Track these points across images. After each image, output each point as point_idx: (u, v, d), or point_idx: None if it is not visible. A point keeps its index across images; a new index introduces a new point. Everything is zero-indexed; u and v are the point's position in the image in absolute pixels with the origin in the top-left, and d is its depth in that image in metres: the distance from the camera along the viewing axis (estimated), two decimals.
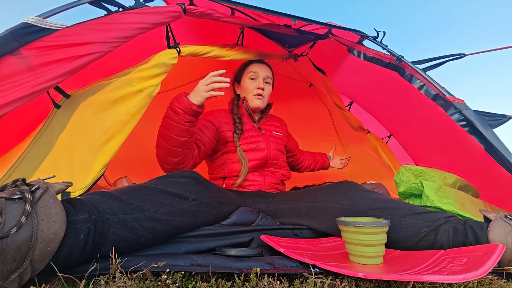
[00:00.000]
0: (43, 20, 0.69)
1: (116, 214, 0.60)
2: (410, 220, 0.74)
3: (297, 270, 0.61)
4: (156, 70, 0.97)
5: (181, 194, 0.74)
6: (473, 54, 1.06)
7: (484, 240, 0.65)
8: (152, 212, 0.66)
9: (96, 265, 0.54)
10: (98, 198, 0.62)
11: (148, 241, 0.65)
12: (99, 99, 0.88)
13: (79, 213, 0.55)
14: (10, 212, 0.44)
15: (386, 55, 1.19)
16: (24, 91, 0.65)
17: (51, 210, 0.49)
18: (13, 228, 0.43)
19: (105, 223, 0.58)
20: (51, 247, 0.48)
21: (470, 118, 0.95)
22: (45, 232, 0.47)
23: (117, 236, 0.59)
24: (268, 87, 1.30)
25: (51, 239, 0.47)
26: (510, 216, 0.65)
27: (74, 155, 0.83)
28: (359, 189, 0.91)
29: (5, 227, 0.43)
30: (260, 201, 1.12)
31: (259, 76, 1.26)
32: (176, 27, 1.12)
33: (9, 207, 0.45)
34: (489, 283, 0.59)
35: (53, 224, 0.48)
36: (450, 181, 1.03)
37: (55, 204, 0.50)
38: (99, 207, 0.59)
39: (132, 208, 0.64)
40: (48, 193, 0.50)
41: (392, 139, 1.74)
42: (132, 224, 0.62)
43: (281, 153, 1.27)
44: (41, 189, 0.50)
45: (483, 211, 0.72)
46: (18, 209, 0.45)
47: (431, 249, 0.71)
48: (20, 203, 0.46)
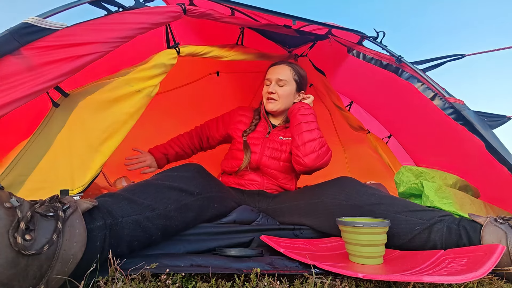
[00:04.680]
0: (43, 20, 0.69)
1: (129, 216, 0.61)
2: (405, 216, 0.75)
3: (297, 271, 0.61)
4: (156, 71, 0.97)
5: (186, 189, 0.76)
6: (473, 55, 1.06)
7: (477, 242, 0.65)
8: (162, 210, 0.67)
9: (96, 266, 0.54)
10: (110, 200, 0.63)
11: (158, 238, 0.67)
12: (98, 99, 0.88)
13: (95, 221, 0.55)
14: (42, 229, 0.44)
15: (385, 55, 1.19)
16: (24, 91, 0.65)
17: (75, 230, 0.49)
18: (45, 245, 0.43)
19: (119, 226, 0.58)
20: (68, 268, 0.48)
21: (469, 119, 0.95)
22: (66, 252, 0.47)
23: (131, 236, 0.60)
24: (283, 89, 1.21)
25: (69, 260, 0.47)
26: (499, 219, 0.66)
27: (73, 153, 0.83)
28: (355, 184, 0.92)
29: (36, 243, 0.43)
30: (260, 200, 1.13)
31: (271, 80, 1.23)
32: (176, 27, 1.12)
33: (42, 223, 0.45)
34: (489, 283, 0.59)
35: (75, 245, 0.48)
36: (451, 181, 1.03)
37: (80, 225, 0.50)
38: (112, 210, 0.60)
39: (144, 207, 0.65)
40: (76, 213, 0.51)
41: (392, 139, 1.74)
42: (145, 224, 0.63)
43: (276, 161, 1.18)
44: (71, 208, 0.50)
45: (473, 215, 0.72)
46: (49, 227, 0.45)
47: (424, 247, 0.71)
48: (51, 221, 0.46)
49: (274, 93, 1.21)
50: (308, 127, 1.09)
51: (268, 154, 1.19)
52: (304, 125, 1.10)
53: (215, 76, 1.92)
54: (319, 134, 1.09)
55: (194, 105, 1.94)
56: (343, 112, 1.66)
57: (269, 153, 1.19)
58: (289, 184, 1.22)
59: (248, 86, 2.06)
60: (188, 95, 1.89)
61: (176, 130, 1.96)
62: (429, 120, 1.23)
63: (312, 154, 1.05)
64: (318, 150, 1.06)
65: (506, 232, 0.62)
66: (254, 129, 1.25)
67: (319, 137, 1.09)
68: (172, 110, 1.86)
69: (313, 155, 1.05)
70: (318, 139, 1.08)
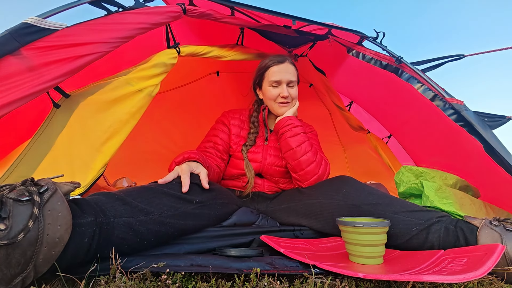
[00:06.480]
0: (43, 20, 0.69)
1: (122, 217, 0.59)
2: (403, 217, 0.75)
3: (297, 270, 0.61)
4: (156, 70, 0.97)
5: (185, 197, 0.73)
6: (473, 55, 1.06)
7: (474, 244, 0.66)
8: (156, 215, 0.65)
9: (96, 266, 0.54)
10: (104, 199, 0.61)
11: (151, 243, 0.64)
12: (99, 99, 0.88)
13: (85, 216, 0.54)
14: (18, 215, 0.43)
15: (385, 56, 1.19)
16: (24, 91, 0.65)
17: (58, 213, 0.47)
18: (20, 234, 0.41)
19: (110, 226, 0.57)
20: (55, 251, 0.46)
21: (469, 120, 0.95)
22: (51, 236, 0.45)
23: (121, 239, 0.58)
24: (294, 89, 1.16)
25: (56, 243, 0.46)
26: (494, 222, 0.66)
27: (74, 154, 0.83)
28: (353, 183, 0.91)
29: (12, 231, 0.41)
30: (259, 201, 1.12)
31: (282, 81, 1.13)
32: (176, 27, 1.12)
33: (17, 209, 0.43)
34: (489, 283, 0.59)
35: (59, 228, 0.47)
36: (451, 181, 1.03)
37: (62, 207, 0.48)
38: (105, 209, 0.58)
39: (138, 210, 0.63)
40: (56, 195, 0.49)
41: (392, 139, 1.74)
42: (137, 227, 0.61)
43: (278, 168, 1.16)
44: (50, 191, 0.48)
45: (468, 217, 0.73)
46: (25, 212, 0.43)
47: (422, 248, 0.71)
48: (28, 206, 0.44)
49: (288, 96, 1.13)
50: (302, 151, 1.04)
51: (269, 162, 1.15)
52: (297, 150, 1.04)
53: (215, 76, 1.92)
54: (314, 153, 1.05)
55: (194, 105, 1.94)
56: (343, 112, 1.66)
57: (271, 161, 1.15)
58: (289, 186, 1.22)
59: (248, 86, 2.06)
60: (188, 95, 1.89)
61: (177, 129, 1.97)
62: (429, 121, 1.23)
63: (312, 179, 1.04)
64: (318, 173, 1.04)
65: (501, 234, 0.62)
66: (253, 144, 1.18)
67: (314, 156, 1.05)
68: (172, 110, 1.86)
69: (313, 178, 1.04)
70: (315, 161, 1.04)
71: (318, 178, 1.04)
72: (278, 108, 1.15)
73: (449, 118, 1.01)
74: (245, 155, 1.15)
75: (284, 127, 1.08)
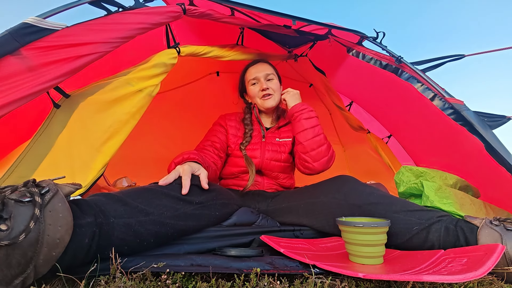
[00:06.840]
0: (43, 20, 0.69)
1: (122, 218, 0.59)
2: (403, 216, 0.75)
3: (297, 270, 0.61)
4: (156, 70, 0.97)
5: (185, 198, 0.73)
6: (473, 55, 1.06)
7: (474, 243, 0.66)
8: (156, 216, 0.65)
9: (97, 266, 0.54)
10: (104, 200, 0.61)
11: (151, 244, 0.64)
12: (99, 99, 0.88)
13: (86, 216, 0.54)
14: (19, 216, 0.43)
15: (385, 55, 1.19)
16: (24, 91, 0.65)
17: (58, 214, 0.47)
18: (21, 235, 0.42)
19: (110, 226, 0.57)
20: (56, 252, 0.46)
21: (469, 119, 0.95)
22: (51, 237, 0.45)
23: (121, 240, 0.58)
24: (274, 82, 1.23)
25: (56, 244, 0.46)
26: (494, 221, 0.66)
27: (74, 154, 0.83)
28: (354, 183, 0.91)
29: (13, 232, 0.41)
30: (260, 201, 1.12)
31: (260, 77, 1.22)
32: (176, 27, 1.12)
33: (18, 210, 0.43)
34: (489, 283, 0.59)
35: (60, 229, 0.47)
36: (451, 181, 1.03)
37: (63, 208, 0.48)
38: (104, 210, 0.58)
39: (137, 211, 0.63)
40: (58, 197, 0.49)
41: (392, 139, 1.74)
42: (136, 228, 0.61)
43: (277, 162, 1.20)
44: (51, 192, 0.48)
45: (469, 217, 0.73)
46: (27, 213, 0.43)
47: (422, 247, 0.71)
48: (29, 206, 0.44)
49: (268, 88, 1.20)
50: (315, 132, 1.07)
51: (268, 157, 1.19)
52: (310, 131, 1.07)
53: (215, 76, 1.92)
54: (325, 137, 1.10)
55: (194, 105, 1.94)
56: (343, 112, 1.66)
57: (270, 156, 1.19)
58: (289, 182, 1.25)
59: None
60: (188, 95, 1.89)
61: (177, 129, 1.97)
62: (429, 121, 1.23)
63: (322, 160, 1.07)
64: (328, 155, 1.08)
65: (501, 234, 0.62)
66: (250, 140, 1.22)
67: (326, 140, 1.09)
68: (172, 110, 1.86)
69: (324, 160, 1.07)
70: (326, 144, 1.08)
71: (328, 160, 1.08)
72: (262, 102, 1.22)
73: (449, 118, 1.01)
74: (243, 151, 1.19)
75: (300, 110, 1.11)
